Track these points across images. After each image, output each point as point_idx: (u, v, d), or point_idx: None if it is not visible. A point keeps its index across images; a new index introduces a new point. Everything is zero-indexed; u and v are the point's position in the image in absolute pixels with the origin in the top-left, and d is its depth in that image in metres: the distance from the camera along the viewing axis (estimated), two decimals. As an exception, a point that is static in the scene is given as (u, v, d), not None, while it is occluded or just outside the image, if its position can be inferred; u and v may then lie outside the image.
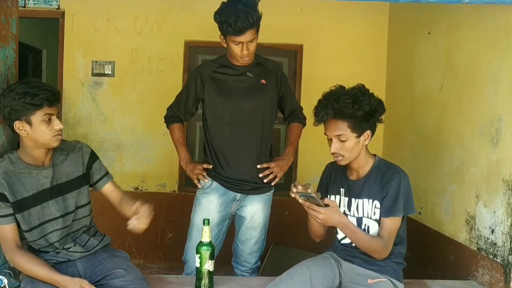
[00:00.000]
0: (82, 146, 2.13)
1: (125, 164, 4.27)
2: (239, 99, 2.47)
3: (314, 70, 4.27)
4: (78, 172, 2.07)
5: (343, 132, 2.00)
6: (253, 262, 2.61)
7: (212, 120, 2.52)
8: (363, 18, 4.26)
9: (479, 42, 2.62)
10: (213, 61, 2.56)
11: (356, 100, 1.98)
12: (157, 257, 4.29)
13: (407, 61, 3.70)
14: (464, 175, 2.71)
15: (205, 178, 2.51)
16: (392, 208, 2.02)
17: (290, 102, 2.66)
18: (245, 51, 2.36)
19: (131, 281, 1.96)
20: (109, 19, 4.18)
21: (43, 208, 1.96)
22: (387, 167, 2.09)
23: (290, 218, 4.18)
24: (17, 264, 1.91)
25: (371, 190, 2.07)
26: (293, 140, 2.66)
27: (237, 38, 2.32)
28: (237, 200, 2.52)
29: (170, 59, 4.24)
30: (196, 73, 2.56)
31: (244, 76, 2.49)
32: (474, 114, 2.63)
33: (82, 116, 4.25)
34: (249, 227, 2.56)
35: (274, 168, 2.52)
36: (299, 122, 2.69)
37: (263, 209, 2.56)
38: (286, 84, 2.64)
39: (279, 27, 4.18)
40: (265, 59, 2.59)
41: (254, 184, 2.51)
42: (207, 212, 2.47)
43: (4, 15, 2.06)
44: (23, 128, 1.88)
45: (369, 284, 2.04)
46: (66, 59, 4.23)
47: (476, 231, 2.57)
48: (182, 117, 2.62)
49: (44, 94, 1.86)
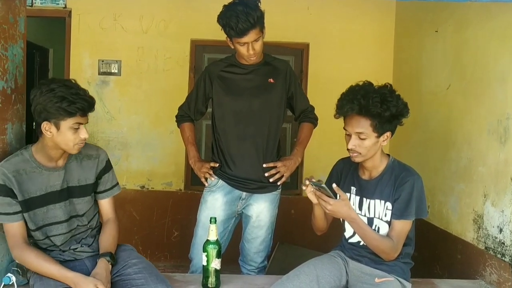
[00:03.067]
0: (100, 154, 2.10)
1: (132, 163, 4.28)
2: (246, 98, 2.47)
3: (320, 69, 4.26)
4: (90, 180, 2.06)
5: (365, 131, 1.96)
6: (260, 262, 2.61)
7: (220, 119, 2.52)
8: (370, 16, 4.25)
9: (488, 41, 2.61)
10: (221, 60, 2.56)
11: (385, 100, 1.93)
12: (163, 256, 4.30)
13: (414, 59, 3.68)
14: (472, 174, 2.69)
15: (211, 176, 2.51)
16: (404, 211, 2.00)
17: (301, 101, 2.64)
18: (251, 51, 2.35)
19: (144, 268, 1.98)
20: (115, 18, 4.20)
21: (49, 210, 1.96)
22: (401, 169, 2.06)
23: (296, 217, 4.18)
24: (26, 261, 1.89)
25: (384, 191, 2.05)
26: (302, 140, 2.65)
27: (241, 39, 2.31)
28: (243, 199, 2.52)
29: (176, 58, 4.24)
30: (205, 72, 2.57)
31: (252, 75, 2.48)
32: (482, 113, 2.61)
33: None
34: (255, 226, 2.55)
35: (280, 168, 2.51)
36: (309, 122, 2.68)
37: (269, 208, 2.55)
38: (296, 84, 2.61)
39: (285, 25, 4.17)
40: (274, 58, 2.58)
41: (260, 183, 2.50)
42: (213, 210, 2.48)
43: (12, 14, 2.07)
44: (49, 130, 1.86)
45: (376, 283, 2.03)
46: (73, 58, 4.25)
47: (484, 230, 2.55)
48: (192, 116, 2.63)
49: (80, 104, 1.84)
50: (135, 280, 1.93)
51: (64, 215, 1.98)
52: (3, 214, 1.87)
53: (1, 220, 1.89)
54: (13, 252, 1.92)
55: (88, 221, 2.07)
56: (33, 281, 1.92)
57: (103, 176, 2.11)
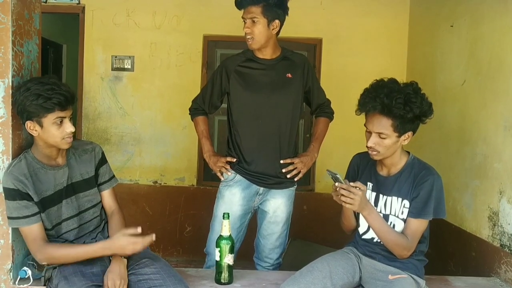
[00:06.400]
0: (95, 147, 2.14)
1: (145, 158, 4.31)
2: (264, 93, 2.44)
3: (333, 64, 4.24)
4: (91, 172, 2.09)
5: (385, 131, 1.92)
6: (275, 258, 2.60)
7: (237, 114, 2.50)
8: (383, 11, 4.21)
9: (504, 35, 2.56)
10: (238, 55, 2.53)
11: (408, 101, 1.88)
12: (175, 251, 4.32)
13: (429, 54, 3.64)
14: (487, 171, 2.66)
15: (228, 171, 2.49)
16: (421, 210, 1.98)
17: (317, 95, 2.61)
18: (246, 29, 2.35)
19: (161, 267, 1.98)
20: (128, 14, 4.21)
21: (59, 208, 1.98)
22: (421, 167, 2.03)
23: (308, 213, 4.17)
24: (53, 256, 1.89)
25: (402, 188, 2.03)
26: (318, 135, 2.62)
27: (242, 14, 2.33)
28: (260, 194, 2.51)
29: (189, 53, 4.25)
30: (222, 66, 2.54)
31: (270, 70, 2.46)
32: (498, 109, 2.58)
33: (102, 110, 4.30)
34: (272, 222, 2.54)
35: (298, 164, 2.49)
36: (326, 116, 2.65)
37: (285, 204, 2.54)
38: (314, 77, 2.58)
39: (298, 20, 4.13)
40: (293, 52, 2.54)
41: (278, 178, 2.49)
42: (230, 205, 2.47)
43: (28, 10, 2.09)
44: (34, 128, 1.88)
45: (389, 280, 2.01)
46: (86, 53, 4.28)
47: (499, 227, 2.52)
48: (206, 110, 2.61)
49: (56, 99, 1.83)
50: (152, 280, 1.92)
51: (73, 211, 2.01)
52: (22, 218, 1.88)
53: (20, 225, 1.89)
54: (37, 255, 1.91)
55: (97, 214, 2.10)
56: (57, 280, 1.89)
57: (101, 168, 2.13)
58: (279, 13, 2.38)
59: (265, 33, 2.37)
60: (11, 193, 1.87)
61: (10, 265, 2.02)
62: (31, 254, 1.98)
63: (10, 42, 1.96)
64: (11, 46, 1.96)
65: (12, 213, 1.88)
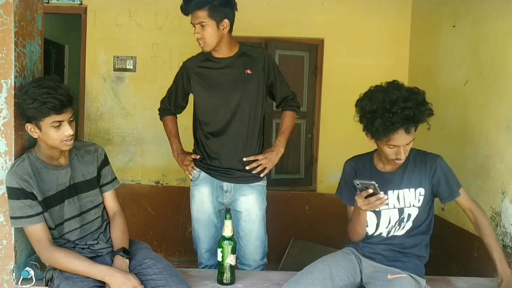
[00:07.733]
0: (98, 148, 2.14)
1: (146, 158, 4.31)
2: (225, 92, 2.42)
3: (335, 65, 4.24)
4: (93, 173, 2.09)
5: (411, 140, 1.97)
6: (259, 259, 2.54)
7: (201, 113, 2.50)
8: (385, 11, 4.21)
9: (506, 35, 2.56)
10: (198, 56, 2.52)
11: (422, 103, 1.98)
12: (177, 251, 4.32)
13: (431, 55, 3.64)
14: (490, 171, 2.65)
15: (193, 169, 2.50)
16: (452, 187, 2.09)
17: (281, 89, 2.57)
18: (196, 34, 2.34)
19: (163, 268, 1.98)
20: (130, 15, 4.22)
21: (61, 208, 1.98)
22: (423, 155, 2.11)
23: (310, 213, 4.16)
24: (57, 261, 1.88)
25: (412, 179, 2.07)
26: (284, 130, 2.57)
27: (190, 20, 2.33)
28: (227, 191, 2.47)
29: (191, 54, 4.16)
30: (183, 68, 2.54)
31: (228, 68, 2.44)
32: (501, 109, 2.57)
33: (104, 110, 4.30)
34: (247, 221, 2.48)
35: (262, 160, 2.46)
36: (291, 110, 2.60)
37: (258, 200, 2.49)
38: (276, 71, 2.54)
39: (299, 21, 4.15)
40: (251, 47, 2.51)
41: (241, 172, 2.45)
42: (201, 203, 2.48)
43: (30, 11, 2.09)
44: (34, 131, 1.89)
45: (388, 279, 2.00)
46: (88, 54, 4.28)
47: (502, 228, 2.52)
48: (172, 110, 2.64)
49: (51, 103, 1.80)
50: (155, 280, 1.92)
51: (75, 211, 2.01)
52: (25, 217, 1.88)
53: (24, 224, 1.89)
54: (42, 256, 1.91)
55: (99, 215, 2.10)
56: (58, 281, 1.89)
57: (103, 169, 2.13)
58: (227, 11, 2.34)
59: (215, 35, 2.35)
60: (15, 192, 1.87)
61: (12, 266, 2.02)
62: (33, 254, 1.98)
63: (13, 43, 1.96)
64: (14, 47, 1.96)
65: (16, 212, 1.88)
